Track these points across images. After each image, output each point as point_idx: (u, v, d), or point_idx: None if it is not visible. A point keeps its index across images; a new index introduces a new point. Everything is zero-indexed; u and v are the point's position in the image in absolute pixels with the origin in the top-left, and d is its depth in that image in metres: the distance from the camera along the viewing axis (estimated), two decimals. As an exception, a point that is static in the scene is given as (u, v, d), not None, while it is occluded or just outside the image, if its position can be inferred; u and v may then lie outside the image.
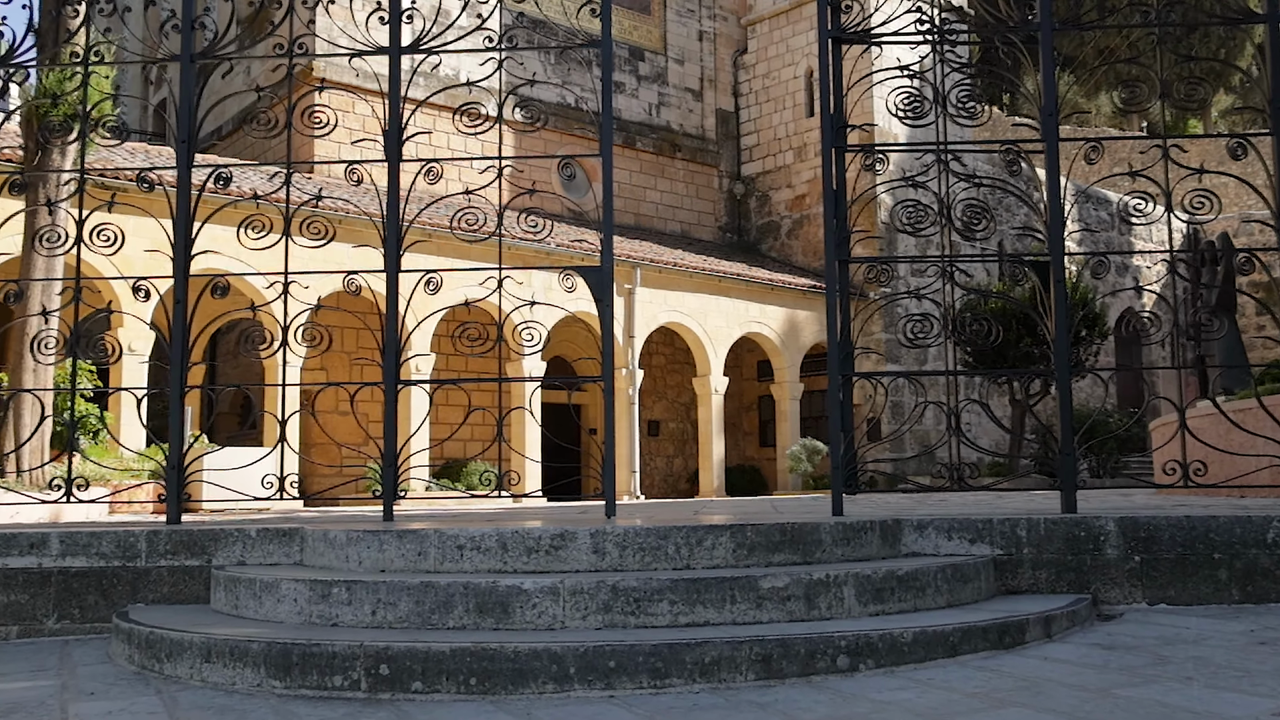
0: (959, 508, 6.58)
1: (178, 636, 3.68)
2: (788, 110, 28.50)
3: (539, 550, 3.93)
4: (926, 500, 8.74)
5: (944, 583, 4.07)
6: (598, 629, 3.56)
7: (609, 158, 5.36)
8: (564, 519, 5.67)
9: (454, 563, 3.99)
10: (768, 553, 4.05)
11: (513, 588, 3.60)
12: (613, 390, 5.28)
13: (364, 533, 4.20)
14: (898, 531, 4.58)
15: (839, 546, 4.23)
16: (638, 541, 3.93)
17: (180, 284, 5.39)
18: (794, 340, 25.11)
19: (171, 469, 5.33)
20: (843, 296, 5.25)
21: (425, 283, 5.38)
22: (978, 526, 4.60)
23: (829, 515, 5.08)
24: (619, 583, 3.60)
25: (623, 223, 26.72)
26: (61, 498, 5.38)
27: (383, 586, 3.71)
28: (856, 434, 5.26)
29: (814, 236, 27.62)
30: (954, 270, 5.34)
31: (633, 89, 27.64)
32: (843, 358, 5.20)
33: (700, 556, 3.96)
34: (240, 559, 4.73)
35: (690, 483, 25.65)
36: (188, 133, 5.46)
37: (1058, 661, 3.50)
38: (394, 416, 5.33)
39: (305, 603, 3.85)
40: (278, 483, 5.34)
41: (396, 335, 5.35)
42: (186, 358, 5.39)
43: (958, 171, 5.36)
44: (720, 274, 23.60)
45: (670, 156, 28.18)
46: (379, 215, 5.42)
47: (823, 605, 3.73)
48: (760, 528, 4.04)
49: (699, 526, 3.99)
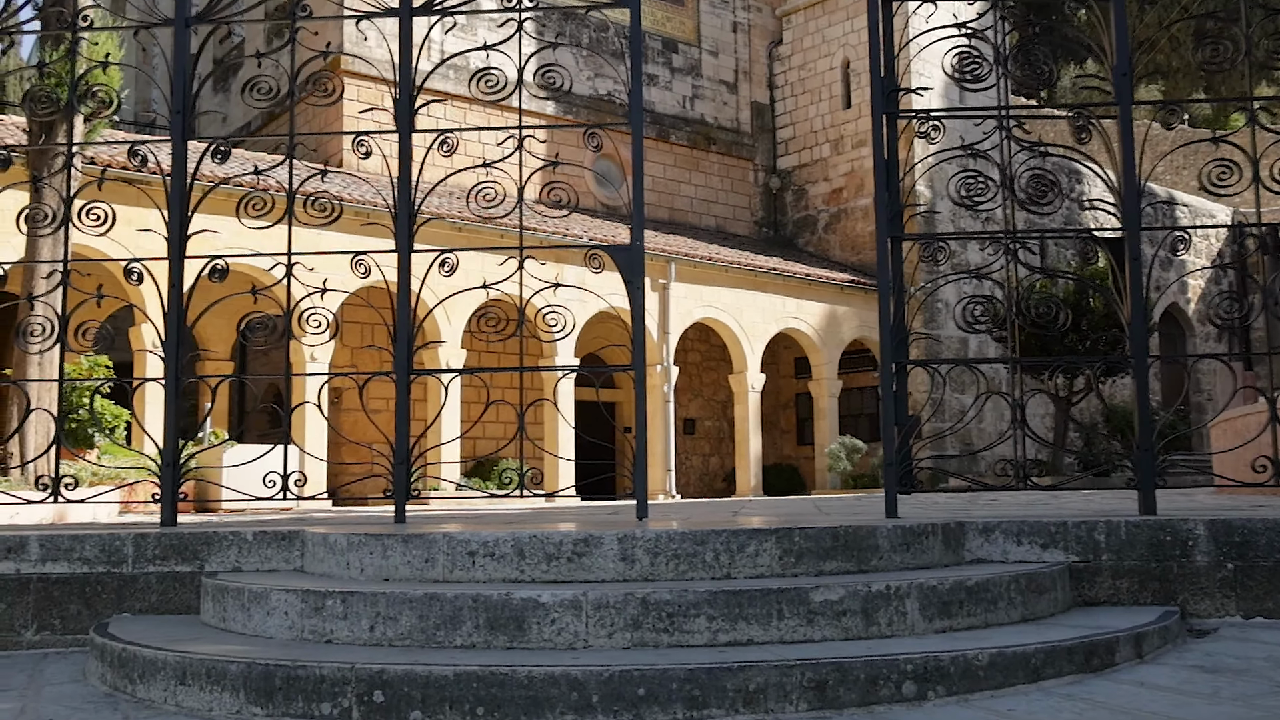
0: (1018, 508, 6.08)
1: (151, 655, 3.26)
2: (824, 102, 27.92)
3: (560, 557, 3.48)
4: (977, 500, 8.23)
5: (1017, 594, 3.59)
6: (625, 649, 3.11)
7: (639, 127, 4.91)
8: (592, 520, 5.22)
9: (465, 571, 3.55)
10: (818, 560, 3.58)
11: (529, 600, 3.16)
12: (644, 380, 4.83)
13: (366, 537, 3.77)
14: (961, 536, 4.09)
15: (897, 553, 3.76)
16: (671, 547, 3.48)
17: (176, 267, 4.99)
18: (832, 336, 24.54)
19: (166, 466, 4.93)
20: (895, 277, 4.77)
21: (440, 264, 4.96)
22: (1050, 530, 4.11)
23: (882, 517, 4.60)
24: (650, 595, 3.15)
25: (656, 217, 26.26)
26: (48, 498, 5.00)
27: (382, 598, 3.28)
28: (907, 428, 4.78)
29: (852, 230, 27.04)
30: (1017, 247, 4.84)
31: (665, 81, 27.16)
32: (896, 344, 4.72)
33: (742, 564, 3.50)
34: (236, 564, 4.32)
35: (726, 482, 25.15)
36: (182, 102, 5.06)
37: (1158, 689, 3.01)
38: (406, 409, 4.91)
39: (297, 616, 3.42)
40: (280, 481, 4.93)
41: (409, 320, 4.93)
42: (181, 346, 4.99)
43: (1022, 140, 4.86)
44: (756, 269, 23.08)
45: (704, 150, 27.67)
46: (387, 203, 4.99)
47: (882, 621, 3.26)
48: (809, 532, 3.58)
49: (740, 530, 3.53)
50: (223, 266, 5.00)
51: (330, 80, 5.13)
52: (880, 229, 4.78)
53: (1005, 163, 4.80)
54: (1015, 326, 4.80)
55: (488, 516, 6.80)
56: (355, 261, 4.96)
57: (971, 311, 4.76)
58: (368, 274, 4.94)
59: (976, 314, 4.79)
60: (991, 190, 4.80)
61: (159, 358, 11.87)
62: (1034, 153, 4.80)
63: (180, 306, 4.99)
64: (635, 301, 4.84)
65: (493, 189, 4.93)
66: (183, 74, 5.08)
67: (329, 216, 4.99)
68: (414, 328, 4.95)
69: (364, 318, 20.66)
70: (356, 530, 3.89)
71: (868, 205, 26.51)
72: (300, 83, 5.13)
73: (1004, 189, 4.77)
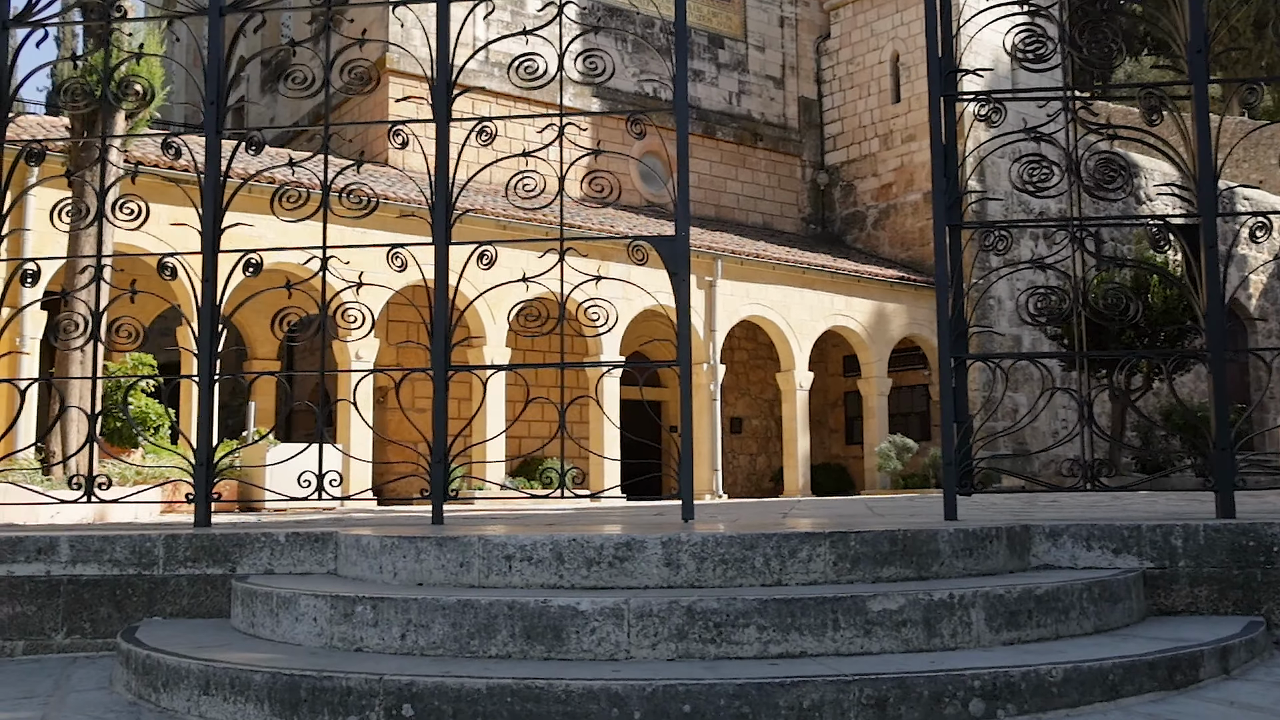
0: (1080, 510, 5.82)
1: (174, 663, 3.12)
2: (873, 97, 27.53)
3: (600, 562, 3.30)
4: (1035, 501, 7.95)
5: (1090, 604, 3.35)
6: (669, 660, 2.92)
7: (683, 110, 4.72)
8: (636, 523, 5.04)
9: (501, 576, 3.38)
10: (875, 566, 3.36)
11: (567, 608, 2.98)
12: (689, 376, 4.63)
13: (400, 540, 3.61)
14: (1027, 540, 3.86)
15: (959, 558, 3.53)
16: (719, 552, 3.28)
17: (209, 261, 4.87)
18: (881, 334, 24.18)
19: (199, 466, 4.81)
20: (954, 268, 4.54)
21: (478, 257, 4.79)
22: (1123, 534, 3.87)
23: (942, 520, 4.38)
24: (696, 603, 2.95)
25: (703, 214, 26.03)
26: (81, 497, 4.90)
27: (414, 605, 3.11)
28: (965, 425, 4.55)
29: (901, 226, 26.64)
30: (1084, 235, 4.59)
31: (712, 77, 26.92)
32: (954, 338, 4.49)
33: (794, 571, 3.29)
34: (268, 567, 4.18)
35: (774, 482, 24.87)
36: (216, 92, 4.94)
37: (1251, 709, 2.77)
38: (443, 407, 4.75)
39: (325, 623, 3.27)
40: (315, 481, 4.79)
41: (447, 314, 4.77)
42: (215, 342, 4.86)
43: (1089, 122, 4.61)
44: (804, 265, 22.78)
45: (751, 146, 27.39)
46: (429, 199, 4.82)
47: (945, 632, 3.04)
48: (865, 536, 3.36)
49: (792, 534, 3.32)
50: (257, 261, 4.87)
51: (368, 69, 4.98)
52: (938, 217, 4.55)
53: (1071, 146, 4.55)
54: (1081, 318, 4.55)
55: (530, 518, 6.63)
56: (391, 255, 4.81)
57: (1034, 303, 4.51)
58: (404, 267, 4.78)
59: (1039, 306, 4.54)
60: (1056, 176, 4.55)
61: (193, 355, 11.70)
62: (1101, 135, 4.55)
63: (214, 302, 4.87)
64: (679, 294, 4.65)
65: (532, 179, 4.76)
66: (216, 63, 4.95)
67: (365, 209, 4.84)
68: (452, 323, 4.79)
69: (410, 316, 20.61)
70: (391, 532, 3.73)
71: (917, 200, 26.12)
72: (339, 73, 4.99)
73: (1070, 174, 4.53)
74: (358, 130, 23.22)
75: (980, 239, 4.64)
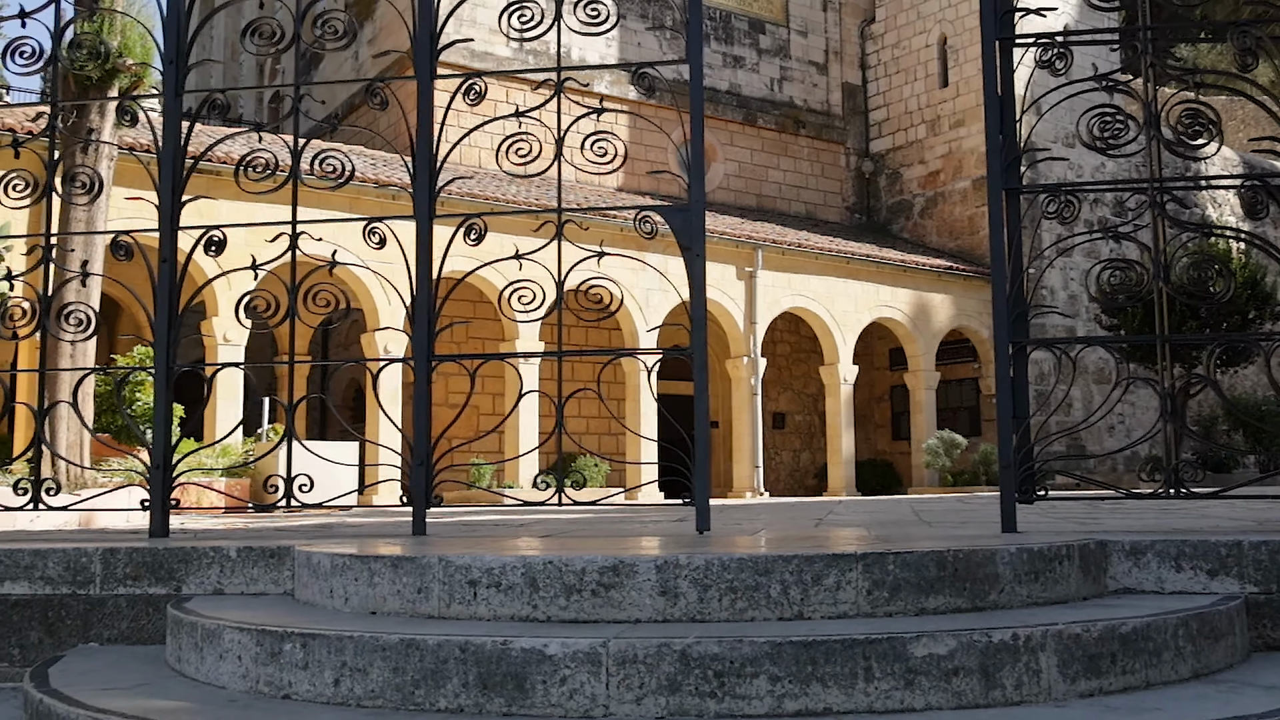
0: (1153, 518, 5.16)
1: (64, 712, 2.57)
2: (919, 81, 26.70)
3: (582, 590, 2.71)
4: (1097, 508, 7.24)
5: (1186, 641, 2.72)
6: (658, 718, 2.32)
7: (698, 60, 4.11)
8: (643, 535, 4.45)
9: (465, 605, 2.80)
10: (918, 594, 2.75)
11: (532, 651, 2.39)
12: (704, 365, 4.04)
13: (351, 559, 3.04)
14: (1103, 559, 3.23)
15: (1023, 584, 2.91)
16: (726, 579, 2.68)
17: (167, 238, 4.34)
18: (928, 326, 23.37)
19: (155, 469, 4.28)
20: (1013, 238, 3.90)
21: (465, 232, 4.22)
22: (1220, 552, 3.22)
23: (999, 533, 3.75)
24: (692, 646, 2.36)
25: (744, 204, 25.35)
26: (26, 504, 4.39)
27: (349, 644, 2.54)
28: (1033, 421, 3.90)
29: (949, 215, 25.79)
30: (1165, 199, 3.93)
31: (753, 63, 26.21)
32: (1013, 320, 3.85)
33: (818, 602, 2.69)
34: (217, 586, 3.64)
35: (818, 478, 24.15)
36: (176, 49, 4.40)
37: None
38: (426, 401, 4.19)
39: (251, 662, 2.71)
40: (282, 485, 4.24)
41: (429, 297, 4.20)
42: (176, 329, 4.33)
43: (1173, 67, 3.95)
44: (848, 255, 22.03)
45: (793, 134, 26.66)
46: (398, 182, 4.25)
47: (1008, 683, 2.42)
48: (907, 558, 2.75)
49: (816, 556, 2.71)
50: (220, 238, 4.32)
51: (343, 23, 4.41)
52: (993, 180, 3.92)
53: (1150, 96, 3.89)
54: (1163, 295, 3.89)
55: (533, 524, 6.07)
56: (369, 231, 4.25)
57: (1109, 278, 3.86)
58: (383, 244, 4.22)
59: (1114, 282, 3.89)
60: (1132, 130, 3.90)
61: (232, 353, 11.17)
62: (1185, 83, 3.89)
63: (173, 282, 4.33)
64: (694, 272, 4.05)
65: (525, 143, 4.18)
66: (175, 16, 4.41)
67: (338, 179, 4.29)
68: (436, 307, 4.23)
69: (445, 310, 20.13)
70: (344, 549, 3.16)
71: (966, 188, 25.28)
72: (311, 25, 4.43)
73: (1148, 128, 3.87)
74: (390, 120, 22.76)
75: (1042, 206, 4.00)
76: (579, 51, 22.66)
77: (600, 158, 4.12)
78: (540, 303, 4.18)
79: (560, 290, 4.17)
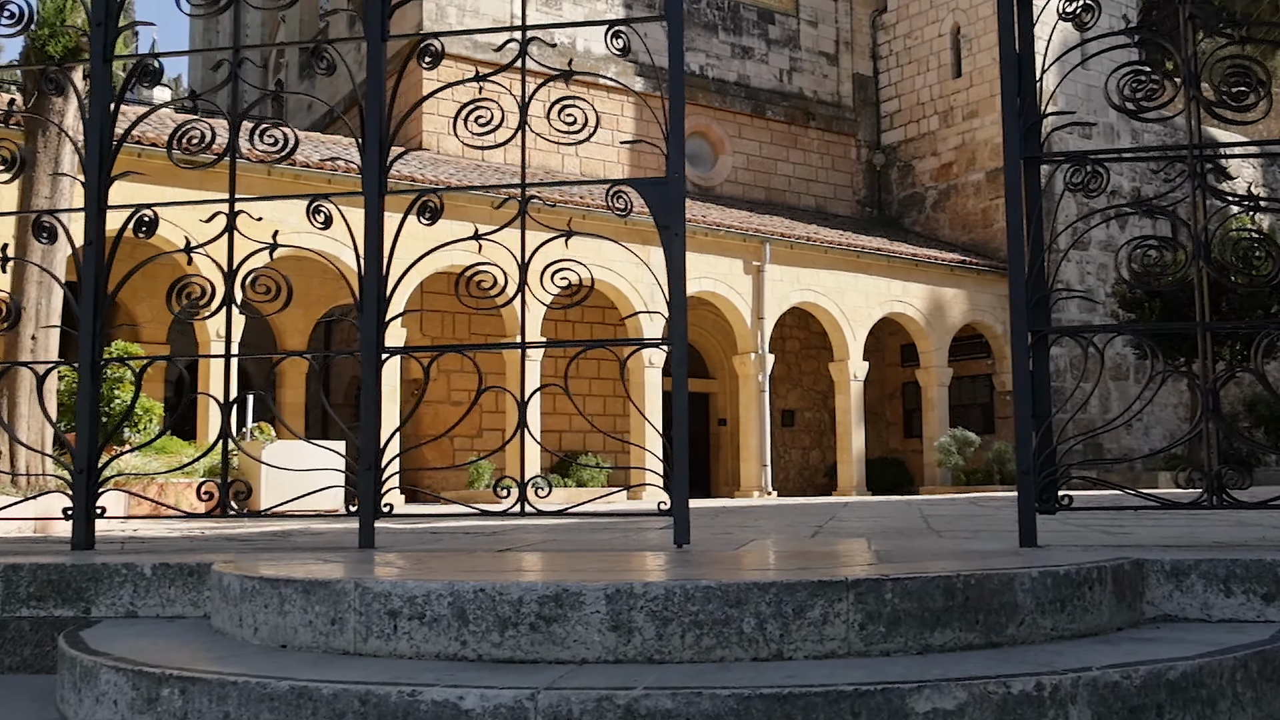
0: (1181, 527, 4.70)
1: (-105, 771, 2.14)
2: (932, 72, 26.17)
3: (519, 623, 2.27)
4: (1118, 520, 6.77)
5: (1245, 686, 2.26)
6: (598, 790, 1.88)
7: (677, 14, 3.67)
8: (617, 548, 4.01)
9: (384, 640, 2.36)
10: (921, 629, 2.30)
11: (445, 706, 1.95)
12: (684, 358, 3.59)
13: (261, 583, 2.61)
14: (1139, 582, 2.77)
15: (1046, 615, 2.46)
16: (690, 610, 2.24)
17: (94, 220, 3.91)
18: (941, 321, 22.86)
19: (78, 473, 3.85)
20: (1032, 212, 3.45)
21: (419, 209, 3.78)
22: (1277, 573, 2.76)
23: (1017, 548, 3.30)
24: (640, 701, 1.92)
25: (752, 198, 24.88)
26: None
27: (234, 692, 2.10)
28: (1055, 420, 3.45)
29: (963, 208, 25.27)
30: (1205, 169, 3.47)
31: (762, 54, 25.71)
32: (1033, 305, 3.40)
33: (801, 638, 2.24)
34: (130, 608, 3.22)
35: (828, 477, 23.66)
36: (105, 11, 3.97)
37: None
38: (375, 398, 3.76)
39: (127, 709, 2.28)
40: (217, 493, 3.81)
41: (379, 282, 3.77)
42: (101, 319, 3.90)
43: (1214, 20, 3.49)
44: (858, 249, 21.53)
45: (803, 126, 26.16)
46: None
47: (1031, 744, 1.97)
48: (909, 585, 2.30)
49: (799, 583, 2.27)
50: (150, 218, 3.90)
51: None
52: (1010, 147, 3.46)
53: (1190, 54, 3.43)
54: (1203, 277, 3.43)
55: (506, 533, 5.64)
56: (313, 210, 3.81)
57: (1141, 259, 3.40)
58: (328, 223, 3.79)
59: (1146, 263, 3.43)
60: (1168, 91, 3.44)
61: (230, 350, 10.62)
62: (1231, 38, 3.42)
63: (99, 266, 3.90)
64: (672, 254, 3.61)
65: (487, 111, 3.74)
66: (100, -27, 3.98)
67: (280, 151, 3.86)
68: (388, 293, 3.79)
69: (448, 306, 19.73)
70: (251, 573, 2.72)
71: (980, 180, 24.76)
72: None
73: (1187, 87, 3.41)
74: (392, 113, 22.36)
75: (1066, 177, 3.54)
76: (581, 41, 22.20)
77: (569, 126, 3.68)
78: (501, 288, 3.74)
79: (523, 274, 3.73)
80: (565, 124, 3.71)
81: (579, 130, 3.69)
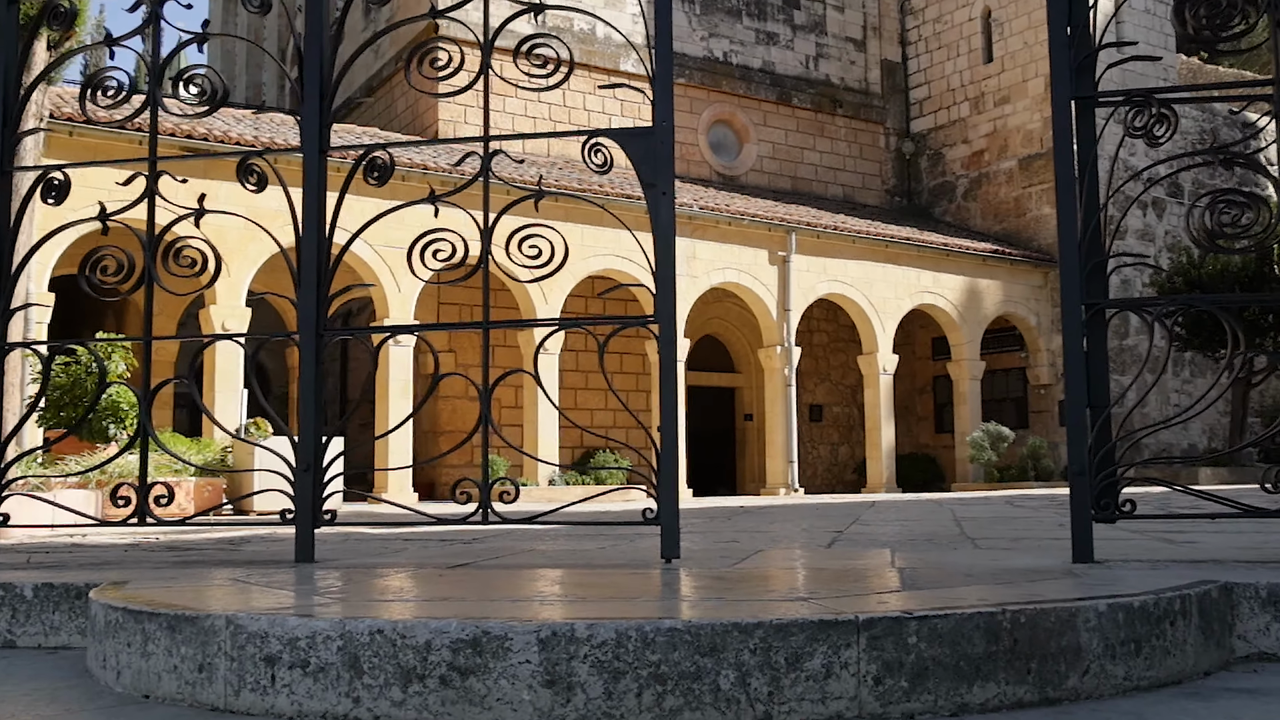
0: (1241, 535, 4.12)
1: None
2: (962, 57, 25.45)
3: (426, 676, 1.73)
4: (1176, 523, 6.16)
5: (1387, 761, 1.70)
6: None
7: (660, -66, 3.12)
8: (576, 568, 3.48)
9: (259, 693, 1.83)
10: (956, 682, 1.75)
11: (298, 801, 1.42)
12: (673, 340, 3.05)
13: (125, 615, 2.09)
14: (1228, 614, 2.21)
15: (1118, 660, 1.90)
16: (650, 660, 1.69)
17: (-2, 184, 3.41)
18: (973, 313, 22.16)
19: None
20: (1086, 164, 2.88)
21: (367, 167, 3.26)
22: (1403, 602, 2.19)
23: (1067, 562, 2.74)
24: (563, 797, 1.37)
25: (778, 187, 24.27)
26: None
27: (35, 771, 1.58)
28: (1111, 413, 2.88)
29: (995, 196, 24.54)
30: (1296, 110, 2.89)
31: (787, 39, 25.08)
32: (1088, 273, 2.83)
33: (796, 696, 1.69)
34: (7, 637, 2.71)
35: (857, 473, 23.02)
36: (10, -53, 3.47)
37: None
38: (313, 386, 3.24)
39: (-78, 784, 1.76)
40: (135, 498, 3.30)
41: (320, 255, 3.24)
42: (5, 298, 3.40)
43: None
44: (887, 239, 20.88)
45: (830, 114, 25.50)
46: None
47: None
48: (938, 625, 1.75)
49: (794, 623, 1.72)
50: (60, 180, 3.39)
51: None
52: (1058, 85, 2.90)
53: (1273, -32, 2.85)
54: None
55: (477, 543, 5.12)
56: (244, 169, 3.29)
57: (1219, 216, 2.82)
58: (261, 185, 3.27)
59: (1224, 221, 2.86)
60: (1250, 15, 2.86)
61: (234, 343, 10.10)
62: (1324, -50, 2.84)
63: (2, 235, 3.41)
64: (659, 217, 3.06)
65: (443, 53, 3.21)
66: (6, -97, 3.48)
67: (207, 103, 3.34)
68: (330, 267, 3.27)
69: (462, 299, 19.25)
70: (116, 602, 2.20)
71: (1012, 168, 24.04)
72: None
73: (1274, 9, 2.83)
74: (409, 101, 21.96)
75: (1127, 121, 2.97)
76: (599, 28, 21.67)
77: (539, 67, 3.14)
78: (461, 258, 3.20)
79: (486, 242, 3.19)
80: (535, 64, 3.17)
81: (548, 74, 3.15)
